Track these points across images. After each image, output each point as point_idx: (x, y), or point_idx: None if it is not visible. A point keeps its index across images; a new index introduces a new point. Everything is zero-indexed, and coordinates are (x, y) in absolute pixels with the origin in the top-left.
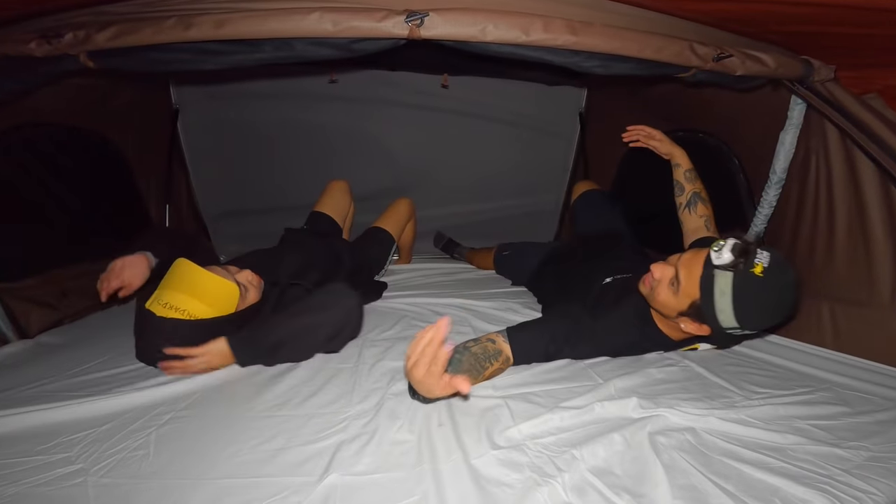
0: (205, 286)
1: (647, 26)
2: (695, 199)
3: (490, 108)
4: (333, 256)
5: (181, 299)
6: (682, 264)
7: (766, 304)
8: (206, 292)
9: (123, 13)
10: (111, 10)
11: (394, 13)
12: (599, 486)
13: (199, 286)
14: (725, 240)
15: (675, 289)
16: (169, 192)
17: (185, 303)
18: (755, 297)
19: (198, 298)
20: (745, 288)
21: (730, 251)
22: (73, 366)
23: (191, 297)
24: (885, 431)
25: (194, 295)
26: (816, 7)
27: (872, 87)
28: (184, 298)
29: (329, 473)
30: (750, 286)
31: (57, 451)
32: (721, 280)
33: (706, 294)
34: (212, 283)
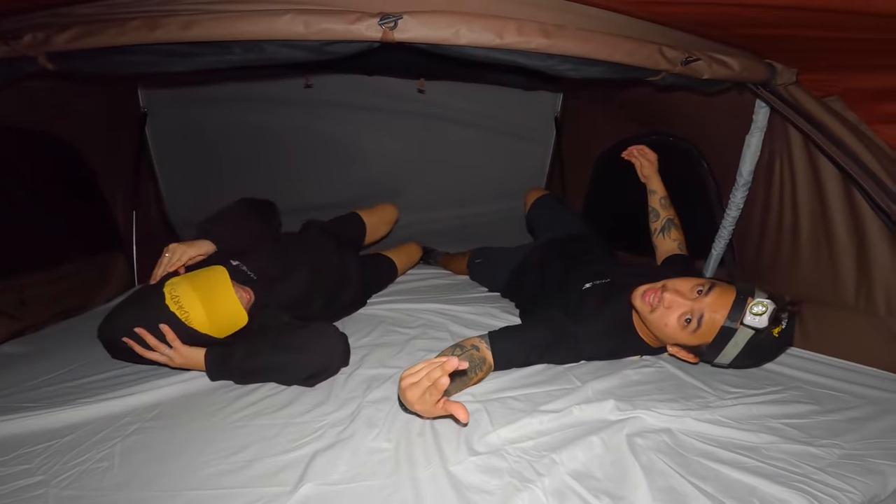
0: (222, 306)
1: (618, 30)
2: (668, 225)
3: (466, 112)
4: (340, 279)
5: (192, 303)
6: (709, 308)
7: (765, 356)
8: (217, 311)
9: (87, 14)
10: (74, 11)
11: (367, 15)
12: (579, 490)
13: (217, 301)
14: (765, 303)
15: (693, 327)
16: (136, 198)
17: (193, 308)
18: (761, 353)
19: (206, 312)
20: (759, 345)
21: (769, 318)
22: (35, 376)
23: (201, 307)
24: (856, 429)
25: (206, 306)
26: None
27: (834, 89)
28: (195, 304)
29: (304, 483)
30: (764, 345)
31: (17, 462)
32: (740, 335)
33: (719, 343)
34: (228, 307)
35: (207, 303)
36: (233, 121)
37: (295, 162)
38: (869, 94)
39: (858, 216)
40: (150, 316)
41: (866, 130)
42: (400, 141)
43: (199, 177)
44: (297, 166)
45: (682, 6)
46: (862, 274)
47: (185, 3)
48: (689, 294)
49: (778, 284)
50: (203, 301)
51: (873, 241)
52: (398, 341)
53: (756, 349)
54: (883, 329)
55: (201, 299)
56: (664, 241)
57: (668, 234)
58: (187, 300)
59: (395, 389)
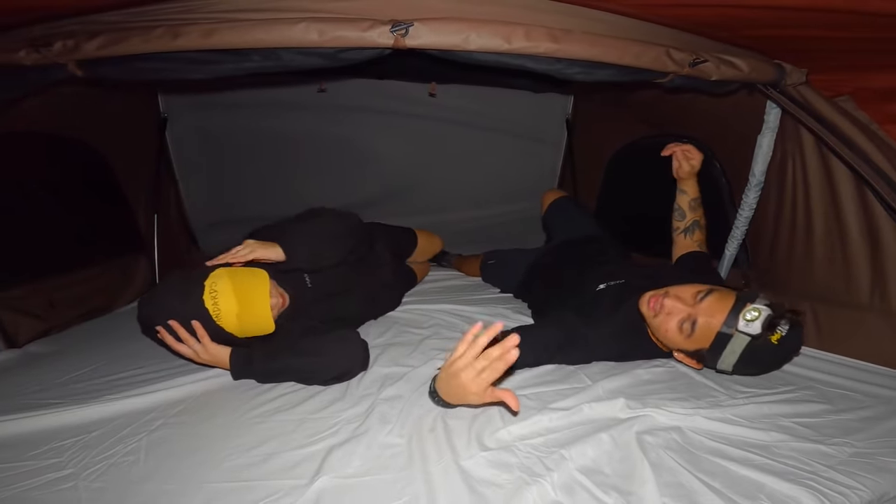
0: (254, 312)
1: (626, 33)
2: (693, 227)
3: (478, 115)
4: (389, 300)
5: (228, 303)
6: (703, 312)
7: (767, 365)
8: (248, 316)
9: (112, 22)
10: (100, 18)
11: (379, 23)
12: (588, 485)
13: (251, 307)
14: (760, 308)
15: (687, 331)
16: (157, 202)
17: (227, 308)
18: (761, 360)
19: (238, 314)
20: (756, 352)
21: (761, 323)
22: (62, 374)
23: (235, 309)
24: (868, 428)
25: (240, 309)
26: (788, 11)
27: (844, 89)
28: (230, 304)
29: (320, 476)
30: (762, 352)
31: (47, 456)
32: (737, 341)
33: (716, 348)
34: (260, 315)
35: (243, 306)
36: (250, 125)
37: (310, 165)
38: (880, 93)
39: (872, 216)
40: (186, 310)
41: (877, 130)
42: (412, 144)
43: (218, 180)
44: (311, 169)
45: (688, 8)
46: (876, 274)
47: (205, 12)
48: (690, 300)
49: (792, 284)
50: (239, 303)
51: (887, 241)
52: (412, 341)
53: (755, 356)
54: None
55: (238, 301)
56: (685, 241)
57: (692, 235)
58: (224, 300)
59: (408, 387)
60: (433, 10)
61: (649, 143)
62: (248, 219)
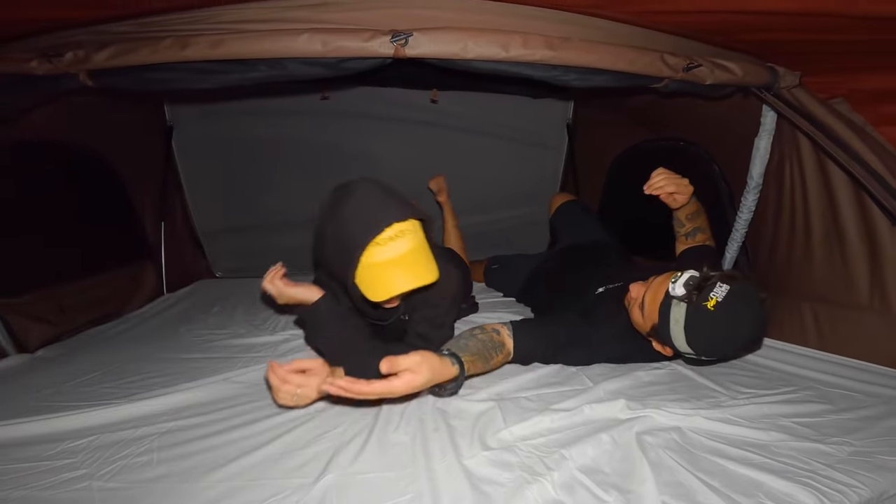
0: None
1: (621, 39)
2: (694, 232)
3: (479, 121)
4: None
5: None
6: (651, 288)
7: (716, 336)
8: (392, 279)
9: (121, 32)
10: (109, 29)
11: (380, 33)
12: (588, 484)
13: (406, 275)
14: (684, 271)
15: (638, 309)
16: (164, 210)
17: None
18: (705, 330)
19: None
20: (695, 320)
21: (683, 284)
22: (73, 377)
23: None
24: (867, 427)
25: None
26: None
27: (838, 91)
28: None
29: (326, 474)
30: (701, 319)
31: (62, 457)
32: (676, 310)
33: (663, 320)
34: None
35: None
36: (254, 134)
37: (314, 171)
38: (873, 95)
39: (869, 217)
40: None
41: (872, 132)
42: (415, 150)
43: (224, 188)
44: (315, 176)
45: (683, 15)
46: (875, 274)
47: (212, 23)
48: (649, 283)
49: (791, 286)
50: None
51: (885, 242)
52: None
53: (697, 325)
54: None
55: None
56: (687, 243)
57: (693, 238)
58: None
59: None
60: (432, 20)
61: (650, 147)
62: (253, 226)
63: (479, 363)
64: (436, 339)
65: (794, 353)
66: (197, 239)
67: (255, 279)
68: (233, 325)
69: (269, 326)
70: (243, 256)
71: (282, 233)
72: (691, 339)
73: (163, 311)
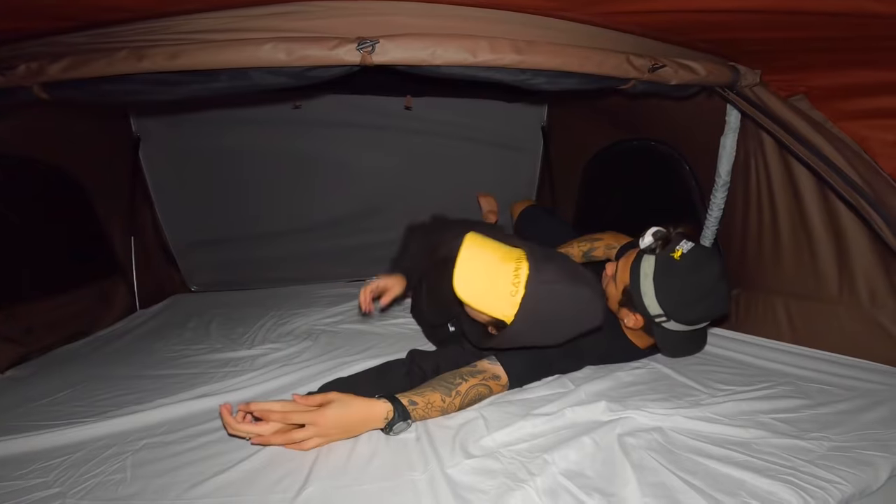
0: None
1: (588, 42)
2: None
3: (455, 126)
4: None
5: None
6: (623, 258)
7: (684, 287)
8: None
9: (76, 44)
10: (64, 40)
11: (346, 41)
12: (571, 488)
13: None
14: (651, 227)
15: (615, 278)
16: (133, 224)
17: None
18: (674, 280)
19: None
20: (664, 270)
21: (651, 235)
22: (44, 397)
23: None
24: (845, 421)
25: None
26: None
27: (799, 88)
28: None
29: (306, 488)
30: (669, 269)
31: (34, 476)
32: (645, 263)
33: (634, 277)
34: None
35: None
36: (225, 144)
37: (288, 181)
38: (833, 91)
39: (833, 211)
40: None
41: (832, 128)
42: (390, 157)
43: (195, 200)
44: (290, 186)
45: (647, 15)
46: (843, 267)
47: (170, 33)
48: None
49: (763, 281)
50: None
51: (850, 235)
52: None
53: (666, 273)
54: (868, 320)
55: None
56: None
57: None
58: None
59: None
60: (400, 27)
61: (623, 148)
62: (226, 238)
63: (433, 395)
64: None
65: (769, 348)
66: (170, 253)
67: (231, 292)
68: (209, 340)
69: (246, 340)
70: (219, 270)
71: (258, 245)
72: (660, 291)
73: (135, 327)
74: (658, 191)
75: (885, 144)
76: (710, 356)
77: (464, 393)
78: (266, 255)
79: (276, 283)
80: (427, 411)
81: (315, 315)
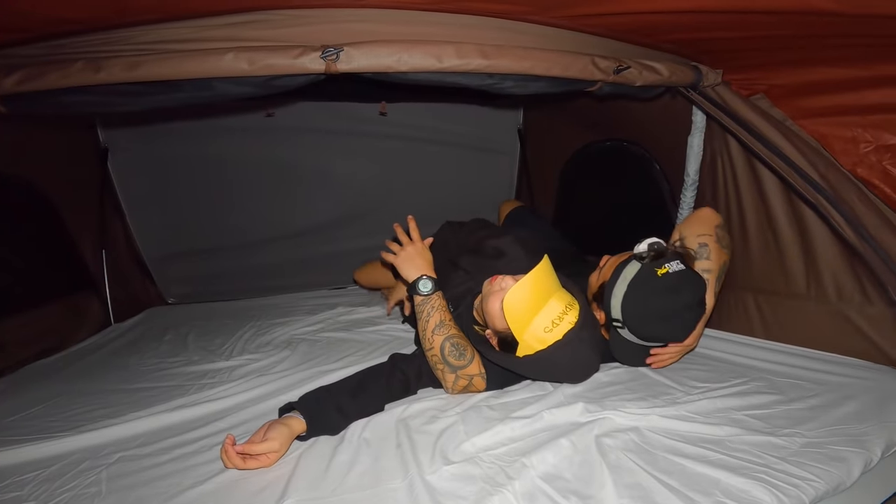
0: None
1: (554, 44)
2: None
3: (431, 130)
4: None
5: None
6: (616, 256)
7: (650, 303)
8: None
9: (31, 56)
10: (18, 52)
11: (310, 49)
12: (549, 491)
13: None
14: (652, 237)
15: (600, 271)
16: (104, 237)
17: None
18: (645, 293)
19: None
20: (642, 281)
21: (647, 244)
22: (16, 412)
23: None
24: (817, 417)
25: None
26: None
27: (759, 87)
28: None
29: (286, 499)
30: (646, 281)
31: (8, 490)
32: (629, 268)
33: (613, 277)
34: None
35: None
36: (197, 153)
37: (264, 190)
38: (791, 89)
39: (797, 208)
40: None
41: (791, 126)
42: (367, 163)
43: (168, 211)
44: (266, 194)
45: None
46: (809, 263)
47: (128, 44)
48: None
49: (734, 277)
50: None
51: (814, 231)
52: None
53: (641, 284)
54: (835, 315)
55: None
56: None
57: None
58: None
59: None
60: (365, 34)
61: (597, 149)
62: (202, 249)
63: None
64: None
65: (742, 344)
66: (144, 265)
67: (208, 304)
68: (186, 352)
69: (224, 352)
70: (196, 281)
71: (235, 255)
72: (627, 299)
73: (110, 341)
74: (632, 191)
75: (843, 140)
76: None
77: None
78: (244, 265)
79: (254, 293)
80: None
81: (295, 324)
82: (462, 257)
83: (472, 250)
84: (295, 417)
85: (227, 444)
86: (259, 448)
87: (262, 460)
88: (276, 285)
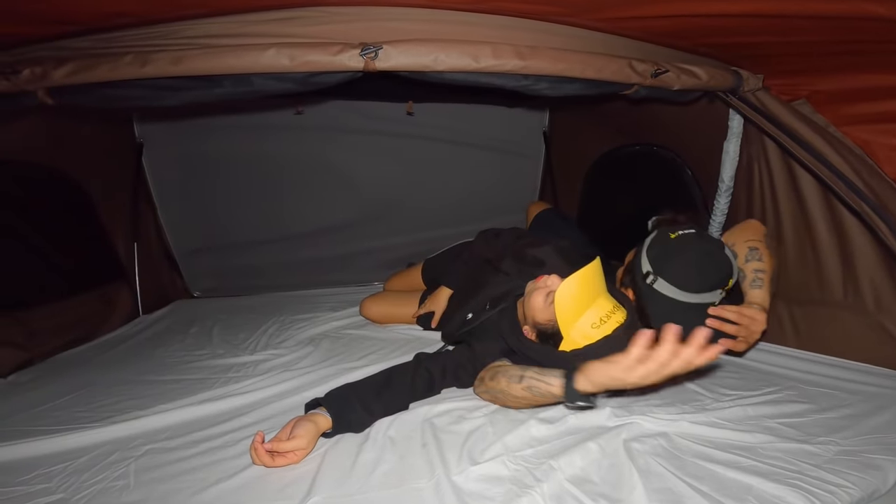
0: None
1: (590, 47)
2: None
3: (456, 132)
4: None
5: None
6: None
7: (673, 243)
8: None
9: (81, 48)
10: (68, 45)
11: (349, 46)
12: (577, 494)
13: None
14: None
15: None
16: (136, 229)
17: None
18: (666, 237)
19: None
20: (658, 243)
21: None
22: (46, 402)
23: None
24: (851, 426)
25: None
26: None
27: (801, 93)
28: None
29: (311, 497)
30: (662, 245)
31: (37, 482)
32: (648, 239)
33: (639, 250)
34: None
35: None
36: (227, 150)
37: (290, 187)
38: (835, 95)
39: (837, 215)
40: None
41: (835, 132)
42: (392, 163)
43: (198, 205)
44: (291, 191)
45: (650, 20)
46: (847, 271)
47: (174, 38)
48: None
49: None
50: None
51: (854, 239)
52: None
53: (658, 248)
54: (873, 324)
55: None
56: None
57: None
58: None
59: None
60: (403, 33)
61: (625, 153)
62: (229, 244)
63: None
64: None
65: (774, 353)
66: (173, 259)
67: (234, 298)
68: (211, 346)
69: (248, 346)
70: (222, 275)
71: (261, 250)
72: (651, 247)
73: (138, 332)
74: (661, 196)
75: (887, 148)
76: (715, 361)
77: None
78: (269, 260)
79: (278, 288)
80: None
81: (317, 321)
82: (504, 262)
83: (514, 257)
84: (321, 414)
85: (256, 442)
86: (287, 445)
87: (289, 458)
88: (300, 282)
